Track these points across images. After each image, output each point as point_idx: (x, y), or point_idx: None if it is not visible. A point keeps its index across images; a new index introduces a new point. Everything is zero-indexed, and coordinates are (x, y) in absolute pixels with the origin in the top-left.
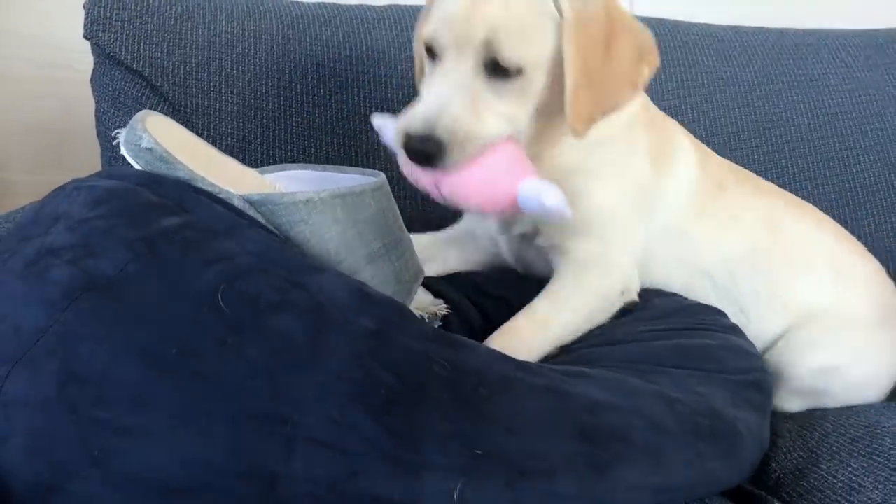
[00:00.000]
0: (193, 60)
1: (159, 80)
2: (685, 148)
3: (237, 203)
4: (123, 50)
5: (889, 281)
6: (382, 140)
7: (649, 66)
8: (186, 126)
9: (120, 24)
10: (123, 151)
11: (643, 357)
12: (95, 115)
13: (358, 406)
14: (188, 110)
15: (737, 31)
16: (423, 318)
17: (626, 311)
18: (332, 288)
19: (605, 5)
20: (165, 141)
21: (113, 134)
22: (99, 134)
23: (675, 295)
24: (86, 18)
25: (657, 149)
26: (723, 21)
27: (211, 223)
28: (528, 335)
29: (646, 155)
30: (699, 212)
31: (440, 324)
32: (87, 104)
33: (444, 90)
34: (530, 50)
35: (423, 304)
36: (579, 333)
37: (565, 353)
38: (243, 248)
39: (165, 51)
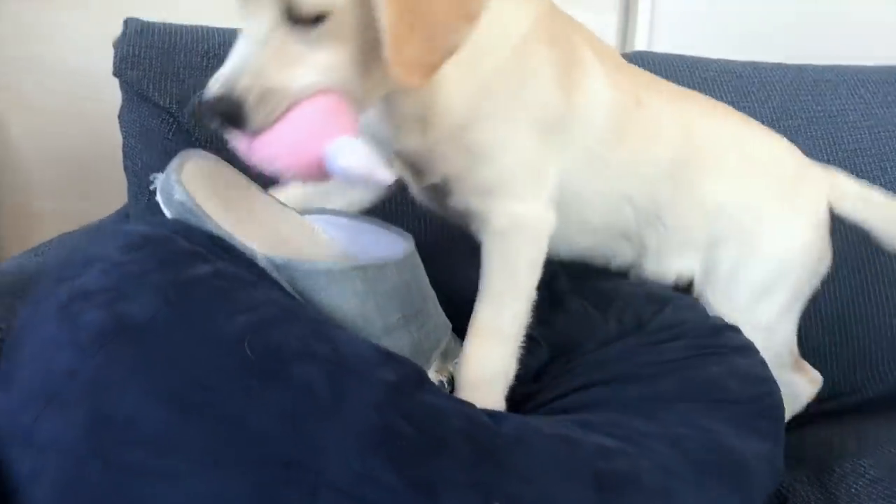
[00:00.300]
0: None
1: (185, 116)
2: (592, 65)
3: (261, 262)
4: (151, 87)
5: (794, 151)
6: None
7: None
8: None
9: (148, 61)
10: (158, 198)
11: (647, 396)
12: (123, 150)
13: (378, 456)
14: (213, 147)
15: (755, 67)
16: (441, 383)
17: (621, 332)
18: (354, 342)
19: None
20: (203, 186)
21: (151, 178)
22: (126, 168)
23: (666, 295)
24: (115, 56)
25: (563, 69)
26: (740, 57)
27: (239, 274)
28: (488, 356)
29: (550, 79)
30: (619, 136)
31: None
32: (113, 135)
33: (245, 47)
34: None
35: (454, 351)
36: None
37: (565, 396)
38: (269, 300)
39: (192, 88)
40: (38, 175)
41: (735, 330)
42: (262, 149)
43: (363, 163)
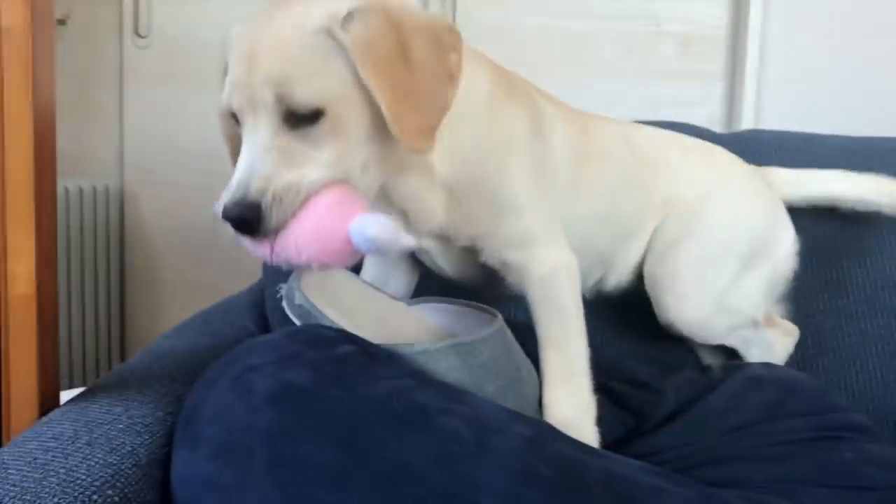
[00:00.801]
0: None
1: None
2: (545, 105)
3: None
4: None
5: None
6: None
7: (454, 50)
8: None
9: None
10: (283, 304)
11: (785, 477)
12: None
13: (527, 489)
14: None
15: (869, 143)
16: None
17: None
18: (486, 405)
19: (386, 16)
20: (318, 288)
21: (277, 288)
22: None
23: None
24: None
25: (531, 116)
26: (850, 131)
27: (375, 352)
28: (566, 397)
29: (527, 129)
30: (579, 161)
31: None
32: None
33: (251, 153)
34: (322, 88)
35: None
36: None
37: (695, 467)
38: (404, 373)
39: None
40: (165, 247)
41: (852, 409)
42: (287, 245)
43: (387, 230)
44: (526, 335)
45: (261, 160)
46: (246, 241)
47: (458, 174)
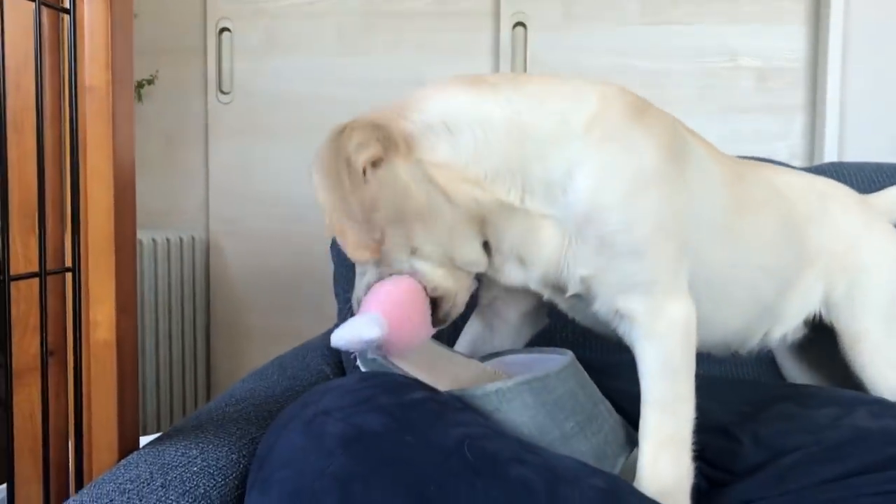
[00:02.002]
0: None
1: None
2: (694, 145)
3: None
4: None
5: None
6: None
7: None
8: None
9: None
10: (358, 362)
11: None
12: (333, 277)
13: None
14: None
15: None
16: None
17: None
18: (560, 457)
19: (335, 146)
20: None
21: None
22: (336, 295)
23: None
24: None
25: (666, 145)
26: None
27: (449, 401)
28: (667, 466)
29: (658, 156)
30: (737, 207)
31: None
32: (315, 256)
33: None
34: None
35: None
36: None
37: None
38: (476, 421)
39: None
40: (247, 294)
41: None
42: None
43: (359, 326)
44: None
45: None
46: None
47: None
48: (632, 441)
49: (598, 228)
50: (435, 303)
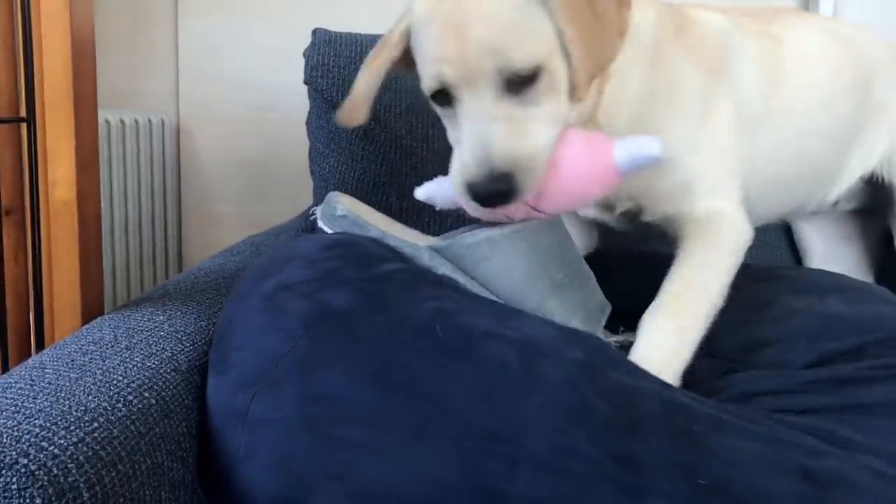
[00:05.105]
0: (403, 104)
1: (371, 123)
2: (729, 36)
3: (425, 254)
4: (340, 94)
5: None
6: (437, 207)
7: (627, 6)
8: (393, 167)
9: (336, 70)
10: (320, 223)
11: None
12: (309, 155)
13: (577, 429)
14: (396, 152)
15: None
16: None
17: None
18: (538, 325)
19: None
20: (356, 211)
21: (310, 211)
22: (312, 173)
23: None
24: (305, 65)
25: (704, 58)
26: None
27: (421, 272)
28: (667, 336)
29: (696, 74)
30: (777, 83)
31: None
32: (289, 142)
33: (479, 126)
34: (537, 47)
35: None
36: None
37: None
38: (450, 295)
39: (378, 95)
40: (219, 181)
41: None
42: (554, 197)
43: (655, 143)
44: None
45: (492, 132)
46: (499, 210)
47: (618, 126)
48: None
49: None
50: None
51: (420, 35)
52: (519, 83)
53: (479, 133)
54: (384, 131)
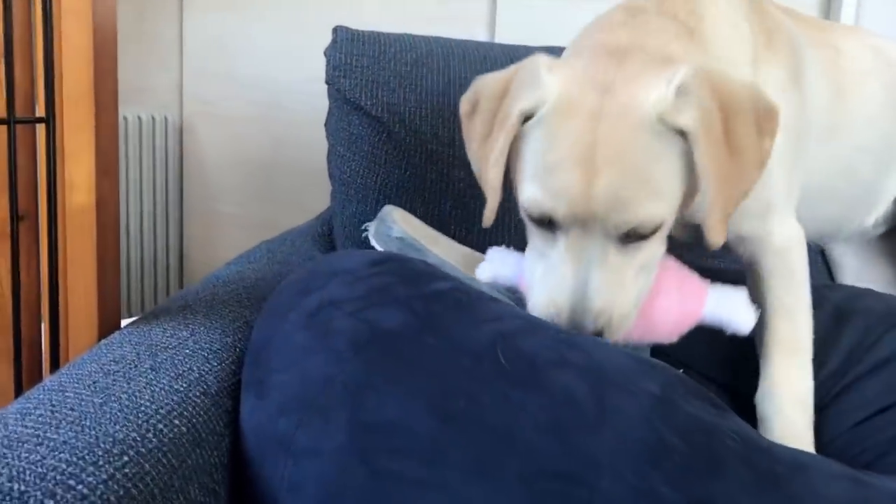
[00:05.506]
0: (428, 106)
1: (395, 125)
2: (799, 42)
3: (486, 290)
4: (362, 95)
5: None
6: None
7: (770, 136)
8: (418, 172)
9: (359, 70)
10: (373, 242)
11: None
12: (328, 158)
13: (654, 470)
14: (422, 156)
15: None
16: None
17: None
18: (606, 350)
19: (714, 91)
20: (412, 232)
21: (363, 227)
22: (332, 176)
23: None
24: (327, 64)
25: (790, 66)
26: None
27: (478, 290)
28: (800, 373)
29: (785, 83)
30: (839, 93)
31: None
32: (295, 142)
33: (580, 270)
34: (667, 206)
35: None
36: None
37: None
38: (511, 313)
39: (401, 96)
40: (223, 181)
41: None
42: (643, 332)
43: (735, 308)
44: None
45: (592, 281)
46: None
47: None
48: None
49: None
50: None
51: (541, 132)
52: (636, 238)
53: (578, 278)
54: (409, 135)
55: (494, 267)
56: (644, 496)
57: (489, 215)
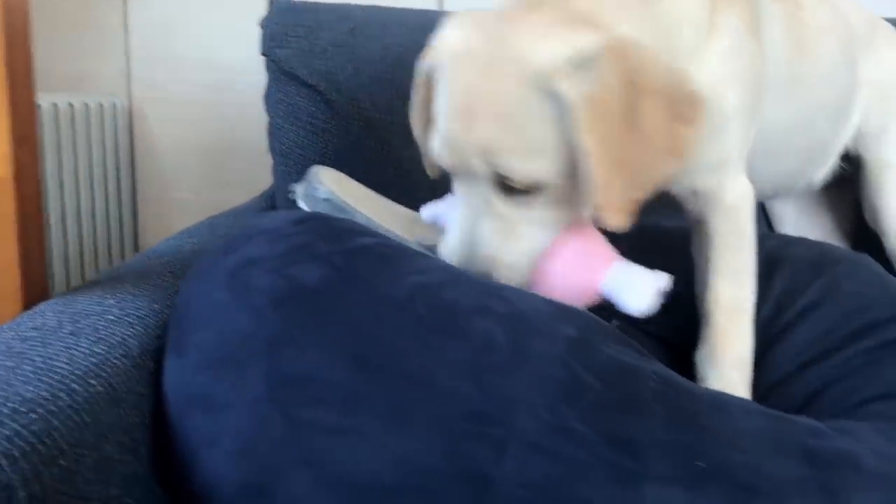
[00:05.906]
0: (366, 74)
1: (333, 94)
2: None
3: (414, 247)
4: (299, 65)
5: None
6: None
7: (690, 124)
8: (357, 140)
9: (295, 39)
10: (301, 203)
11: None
12: (269, 131)
13: (569, 408)
14: (360, 124)
15: None
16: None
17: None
18: (529, 298)
19: (623, 70)
20: (340, 190)
21: (289, 188)
22: (272, 149)
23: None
24: (263, 35)
25: (747, 17)
26: None
27: (402, 246)
28: (742, 333)
29: (742, 35)
30: (799, 48)
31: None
32: (247, 124)
33: (467, 220)
34: (540, 163)
35: None
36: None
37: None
38: (435, 266)
39: (339, 65)
40: (175, 165)
41: None
42: (537, 286)
43: (641, 288)
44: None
45: (478, 229)
46: None
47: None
48: None
49: None
50: None
51: (439, 84)
52: (515, 190)
53: (466, 225)
54: (347, 103)
55: (436, 206)
56: (558, 432)
57: (428, 168)
